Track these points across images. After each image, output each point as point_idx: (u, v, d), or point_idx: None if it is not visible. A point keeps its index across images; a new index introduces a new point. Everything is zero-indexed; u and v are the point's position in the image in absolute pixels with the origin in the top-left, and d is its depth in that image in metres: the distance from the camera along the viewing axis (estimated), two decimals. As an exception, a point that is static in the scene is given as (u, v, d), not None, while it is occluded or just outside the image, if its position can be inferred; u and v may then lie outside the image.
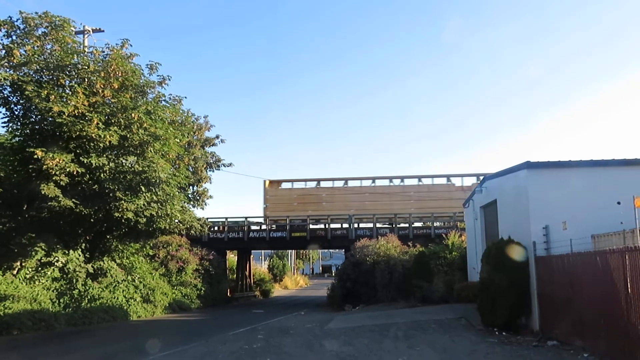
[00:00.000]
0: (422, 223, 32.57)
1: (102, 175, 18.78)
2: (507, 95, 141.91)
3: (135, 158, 19.61)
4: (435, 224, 31.72)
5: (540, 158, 13.94)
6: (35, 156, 16.94)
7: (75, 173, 17.77)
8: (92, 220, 19.86)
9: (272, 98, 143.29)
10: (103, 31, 25.24)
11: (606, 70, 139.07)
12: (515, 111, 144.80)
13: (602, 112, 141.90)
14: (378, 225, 32.24)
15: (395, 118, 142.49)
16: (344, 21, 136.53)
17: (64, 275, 20.27)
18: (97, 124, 18.20)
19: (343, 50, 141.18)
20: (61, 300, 19.67)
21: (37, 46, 18.70)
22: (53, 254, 19.80)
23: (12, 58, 17.94)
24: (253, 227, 34.42)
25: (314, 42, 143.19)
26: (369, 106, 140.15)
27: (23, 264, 18.89)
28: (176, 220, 22.70)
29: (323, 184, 36.98)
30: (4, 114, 19.18)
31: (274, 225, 34.83)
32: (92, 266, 21.41)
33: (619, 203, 11.75)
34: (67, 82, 19.30)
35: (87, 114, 18.21)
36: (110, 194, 18.88)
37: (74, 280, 20.36)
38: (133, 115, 19.16)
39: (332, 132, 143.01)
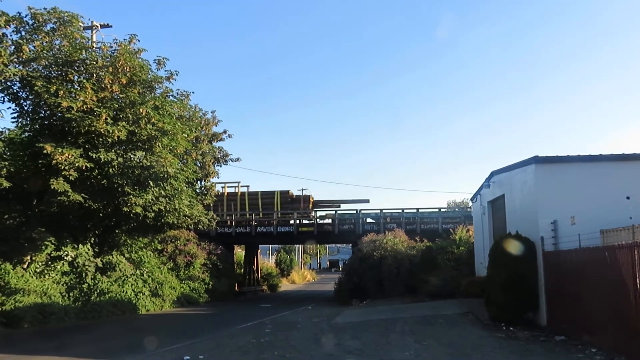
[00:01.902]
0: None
1: (110, 170, 18.91)
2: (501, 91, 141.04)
3: (144, 153, 19.72)
4: (442, 219, 31.64)
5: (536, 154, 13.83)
6: (45, 151, 17.06)
7: (84, 168, 17.90)
8: (101, 214, 20.01)
9: (266, 94, 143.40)
10: (111, 26, 25.30)
11: (604, 68, 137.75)
12: (512, 107, 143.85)
13: (601, 107, 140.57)
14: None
15: (386, 116, 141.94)
16: (339, 18, 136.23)
17: (74, 269, 20.45)
18: (106, 119, 18.30)
19: (336, 47, 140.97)
20: (71, 294, 19.85)
21: (46, 42, 18.80)
22: (63, 248, 19.97)
23: (22, 54, 18.05)
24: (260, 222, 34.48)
25: (310, 39, 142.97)
26: (360, 104, 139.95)
27: (33, 258, 19.08)
28: (184, 215, 22.80)
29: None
30: (13, 109, 19.38)
31: None
32: (101, 260, 21.58)
33: (628, 198, 11.70)
34: (76, 77, 19.43)
35: (95, 109, 18.31)
36: (119, 189, 19.01)
37: (84, 274, 20.53)
38: (141, 110, 19.25)
39: (322, 129, 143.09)
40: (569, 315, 11.50)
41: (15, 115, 19.43)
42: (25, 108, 19.44)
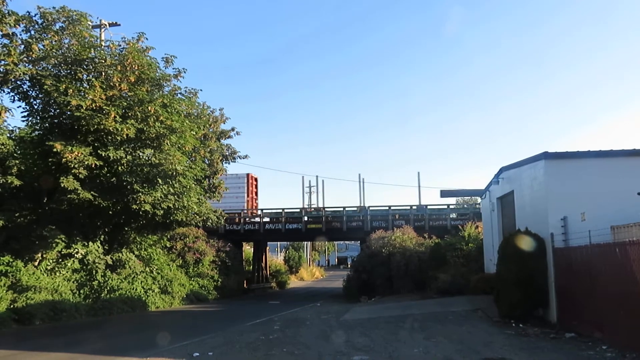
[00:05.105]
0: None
1: (119, 168, 19.00)
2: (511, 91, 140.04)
3: (152, 151, 19.79)
4: (451, 215, 31.53)
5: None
6: (55, 149, 17.16)
7: (93, 166, 17.99)
8: (110, 212, 20.11)
9: (272, 91, 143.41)
10: (119, 25, 25.41)
11: (615, 68, 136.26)
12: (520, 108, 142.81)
13: (612, 107, 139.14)
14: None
15: (394, 114, 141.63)
16: (344, 14, 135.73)
17: (84, 267, 20.58)
18: (115, 117, 18.38)
19: (340, 43, 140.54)
20: (81, 291, 20.01)
21: (55, 41, 18.89)
22: (73, 245, 20.10)
23: (31, 53, 18.15)
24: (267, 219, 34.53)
25: (311, 36, 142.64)
26: (366, 99, 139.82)
27: (44, 256, 19.21)
28: (192, 212, 22.86)
29: None
30: (23, 108, 19.47)
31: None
32: (111, 258, 21.71)
33: (639, 194, 11.57)
34: (85, 76, 19.51)
35: (104, 107, 18.39)
36: (128, 187, 19.09)
37: (94, 271, 20.66)
38: (149, 108, 19.31)
39: (327, 124, 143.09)
40: (580, 312, 11.43)
41: (26, 114, 19.56)
42: (35, 107, 19.55)
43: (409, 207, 32.50)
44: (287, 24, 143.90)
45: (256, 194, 39.89)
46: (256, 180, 40.00)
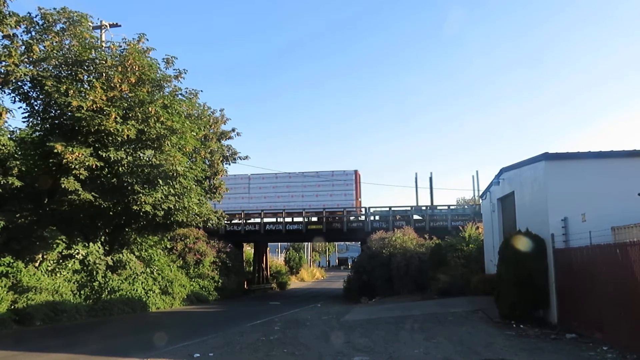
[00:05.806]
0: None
1: (120, 168, 19.01)
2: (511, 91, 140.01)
3: (153, 151, 19.81)
4: (451, 216, 31.52)
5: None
6: (55, 150, 17.18)
7: (94, 167, 18.02)
8: (111, 213, 20.12)
9: (270, 89, 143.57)
10: (120, 26, 25.42)
11: (615, 68, 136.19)
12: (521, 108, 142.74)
13: (613, 107, 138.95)
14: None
15: (394, 113, 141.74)
16: (345, 14, 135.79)
17: (85, 268, 20.60)
18: (115, 118, 18.40)
19: (340, 43, 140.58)
20: (82, 292, 20.01)
21: (56, 42, 18.93)
22: (73, 246, 20.12)
23: (32, 54, 18.18)
24: (267, 220, 34.53)
25: (313, 35, 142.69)
26: (366, 99, 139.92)
27: (45, 257, 19.23)
28: (193, 213, 22.87)
29: None
30: (24, 109, 19.53)
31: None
32: (111, 258, 21.72)
33: (639, 194, 11.56)
34: (86, 77, 19.54)
35: (105, 108, 18.41)
36: (129, 187, 19.11)
37: (94, 272, 20.67)
38: (150, 109, 19.33)
39: (328, 124, 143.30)
40: (580, 313, 11.41)
41: (26, 114, 19.60)
42: (36, 108, 19.59)
43: (409, 208, 32.52)
44: (287, 24, 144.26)
45: (360, 191, 38.87)
46: (359, 177, 38.94)
